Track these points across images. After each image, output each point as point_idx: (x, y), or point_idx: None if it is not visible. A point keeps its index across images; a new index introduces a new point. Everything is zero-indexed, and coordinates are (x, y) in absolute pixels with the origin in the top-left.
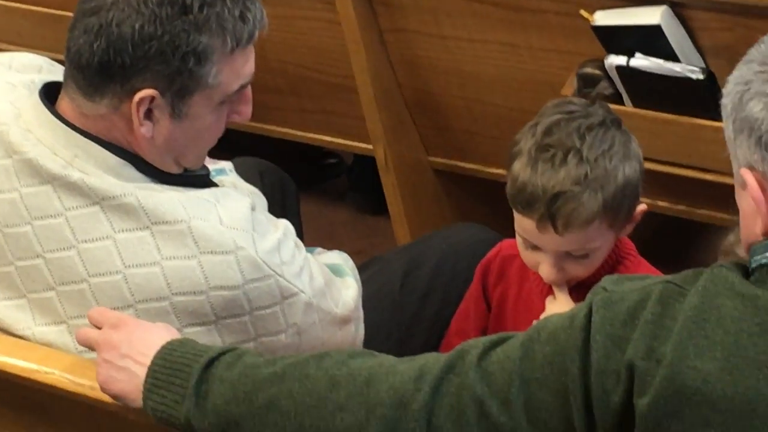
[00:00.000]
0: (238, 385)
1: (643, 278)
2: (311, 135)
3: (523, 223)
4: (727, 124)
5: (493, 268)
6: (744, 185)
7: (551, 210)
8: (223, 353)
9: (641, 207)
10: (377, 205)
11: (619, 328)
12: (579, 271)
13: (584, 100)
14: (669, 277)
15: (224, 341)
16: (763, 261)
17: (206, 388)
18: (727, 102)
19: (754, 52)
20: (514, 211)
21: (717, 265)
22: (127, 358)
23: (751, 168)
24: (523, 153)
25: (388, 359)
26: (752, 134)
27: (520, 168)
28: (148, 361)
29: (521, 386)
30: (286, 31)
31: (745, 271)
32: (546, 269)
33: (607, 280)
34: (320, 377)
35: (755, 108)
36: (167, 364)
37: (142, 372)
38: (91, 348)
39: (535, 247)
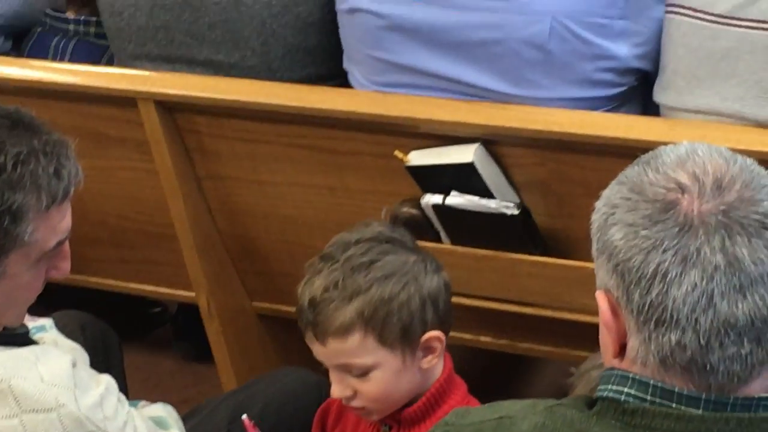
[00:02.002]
0: None
1: (492, 410)
2: (133, 285)
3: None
4: (593, 241)
5: (332, 411)
6: None
7: (310, 318)
8: None
9: (432, 334)
10: (203, 353)
11: None
12: (366, 390)
13: (379, 222)
14: (505, 411)
15: None
16: (605, 394)
17: None
18: (594, 219)
19: (629, 173)
20: None
21: (556, 403)
22: None
23: (607, 291)
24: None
25: None
26: (611, 259)
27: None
28: None
29: None
30: (104, 182)
31: (590, 401)
32: (332, 386)
33: (453, 413)
34: None
35: (616, 235)
36: None
37: None
38: None
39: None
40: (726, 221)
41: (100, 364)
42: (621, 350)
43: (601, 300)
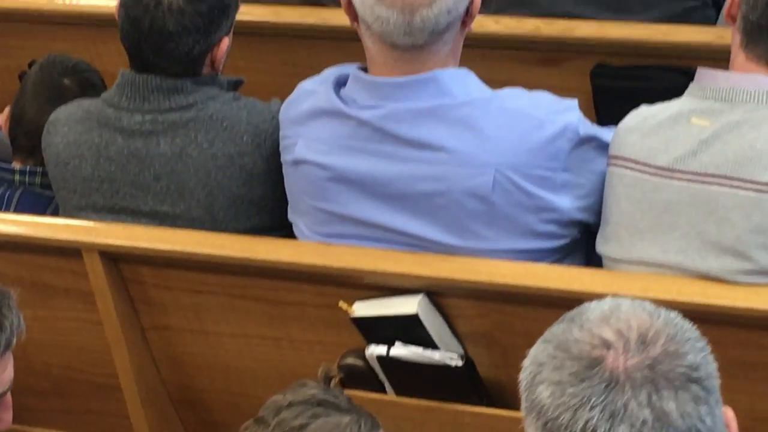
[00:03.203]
0: None
1: None
2: None
3: None
4: (522, 399)
5: None
6: None
7: None
8: None
9: None
10: None
11: None
12: None
13: (314, 383)
14: None
15: None
16: None
17: None
18: (522, 378)
19: (555, 331)
20: None
21: None
22: None
23: None
24: None
25: None
26: (539, 418)
27: None
28: None
29: None
30: (48, 332)
31: None
32: None
33: None
34: None
35: (543, 393)
36: None
37: None
38: None
39: None
40: (652, 376)
41: None
42: None
43: None
